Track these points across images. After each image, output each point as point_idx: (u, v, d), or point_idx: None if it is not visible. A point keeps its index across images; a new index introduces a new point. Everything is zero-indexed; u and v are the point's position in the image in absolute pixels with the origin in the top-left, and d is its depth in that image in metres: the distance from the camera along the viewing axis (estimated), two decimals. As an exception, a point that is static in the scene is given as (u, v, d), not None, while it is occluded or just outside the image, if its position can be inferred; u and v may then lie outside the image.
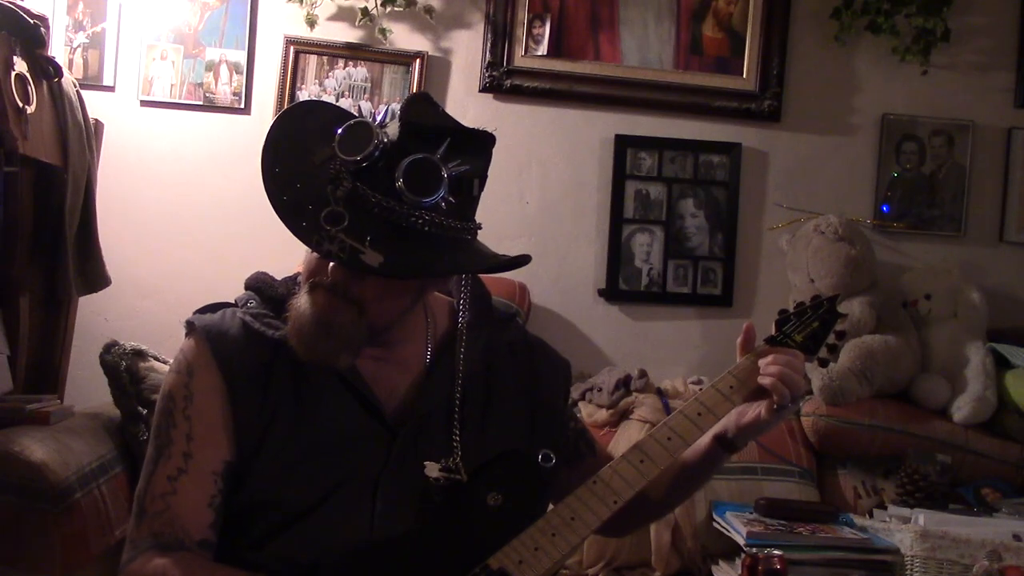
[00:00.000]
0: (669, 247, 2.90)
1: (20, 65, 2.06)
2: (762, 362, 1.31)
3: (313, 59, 2.78)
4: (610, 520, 1.22)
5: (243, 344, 1.26)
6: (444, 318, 1.37)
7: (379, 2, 2.74)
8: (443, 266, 1.20)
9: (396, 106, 1.22)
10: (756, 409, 1.30)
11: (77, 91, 2.37)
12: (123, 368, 2.13)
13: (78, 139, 2.32)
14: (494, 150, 1.25)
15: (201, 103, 2.76)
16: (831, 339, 1.40)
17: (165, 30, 2.74)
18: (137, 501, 1.23)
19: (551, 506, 1.25)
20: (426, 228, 1.15)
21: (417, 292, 1.25)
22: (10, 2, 2.07)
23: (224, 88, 2.76)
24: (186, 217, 2.76)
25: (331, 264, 1.18)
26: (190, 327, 1.30)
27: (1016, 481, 2.51)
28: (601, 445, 1.53)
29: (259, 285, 1.33)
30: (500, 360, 1.37)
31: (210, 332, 1.26)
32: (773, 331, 1.39)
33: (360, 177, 1.15)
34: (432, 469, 1.24)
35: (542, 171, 2.86)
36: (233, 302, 1.33)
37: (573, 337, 2.85)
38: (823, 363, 1.41)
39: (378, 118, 1.24)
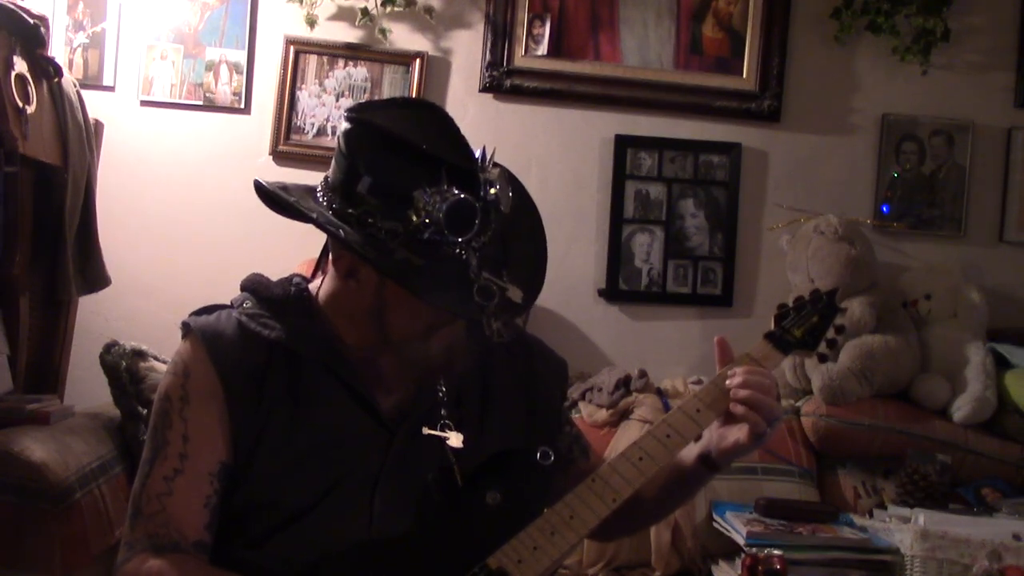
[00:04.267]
0: (669, 247, 2.90)
1: (20, 65, 2.06)
2: (729, 383, 1.28)
3: (313, 59, 2.78)
4: (604, 523, 1.22)
5: (239, 345, 1.25)
6: None
7: (379, 2, 2.74)
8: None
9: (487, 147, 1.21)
10: (736, 435, 1.28)
11: (77, 91, 2.37)
12: (123, 368, 2.13)
13: (78, 139, 2.32)
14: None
15: (201, 103, 2.76)
16: (830, 334, 1.39)
17: (165, 30, 2.74)
18: (133, 502, 1.22)
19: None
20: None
21: None
22: (10, 2, 2.07)
23: (224, 88, 2.76)
24: (186, 217, 2.76)
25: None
26: (186, 329, 1.29)
27: (1016, 481, 2.51)
28: (595, 450, 1.53)
29: (254, 286, 1.33)
30: (497, 359, 1.37)
31: (206, 333, 1.26)
32: (772, 326, 1.39)
33: (471, 241, 1.17)
34: (456, 440, 1.25)
35: (542, 171, 2.86)
36: (229, 303, 1.33)
37: (573, 337, 2.85)
38: (822, 358, 1.41)
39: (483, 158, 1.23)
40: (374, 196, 1.16)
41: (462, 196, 1.14)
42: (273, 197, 1.24)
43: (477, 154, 1.20)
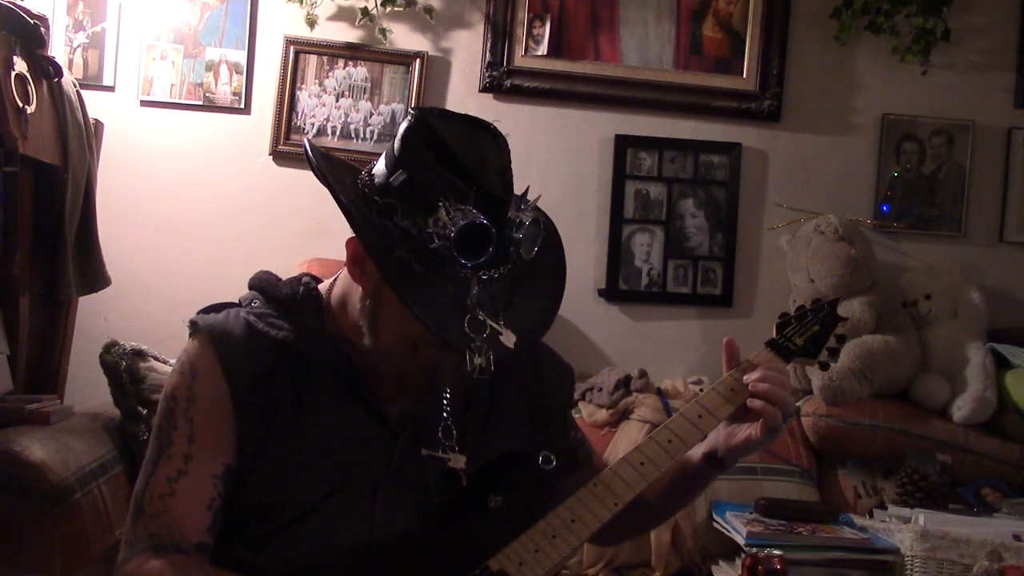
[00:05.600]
0: (669, 247, 2.90)
1: (20, 65, 2.06)
2: (748, 378, 1.29)
3: (313, 59, 2.78)
4: (605, 527, 1.22)
5: (247, 345, 1.25)
6: None
7: (379, 2, 2.73)
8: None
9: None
10: (747, 430, 1.29)
11: (77, 91, 2.37)
12: (123, 368, 2.13)
13: (78, 139, 2.32)
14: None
15: (201, 103, 2.76)
16: (831, 342, 1.40)
17: (165, 30, 2.74)
18: (135, 501, 1.22)
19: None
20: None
21: None
22: (10, 2, 2.07)
23: (224, 88, 2.76)
24: (186, 217, 2.76)
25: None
26: (193, 327, 1.29)
27: (1016, 481, 2.51)
28: (599, 455, 1.53)
29: (263, 285, 1.33)
30: (504, 364, 1.36)
31: (214, 332, 1.26)
32: (774, 334, 1.39)
33: (479, 270, 1.16)
34: (458, 461, 1.25)
35: (542, 171, 2.86)
36: (237, 302, 1.33)
37: (573, 337, 2.84)
38: (823, 366, 1.41)
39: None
40: (402, 192, 1.16)
41: (481, 221, 1.13)
42: (310, 163, 1.23)
43: (521, 193, 1.20)
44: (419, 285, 1.14)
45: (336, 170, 1.24)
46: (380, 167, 1.21)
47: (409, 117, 1.21)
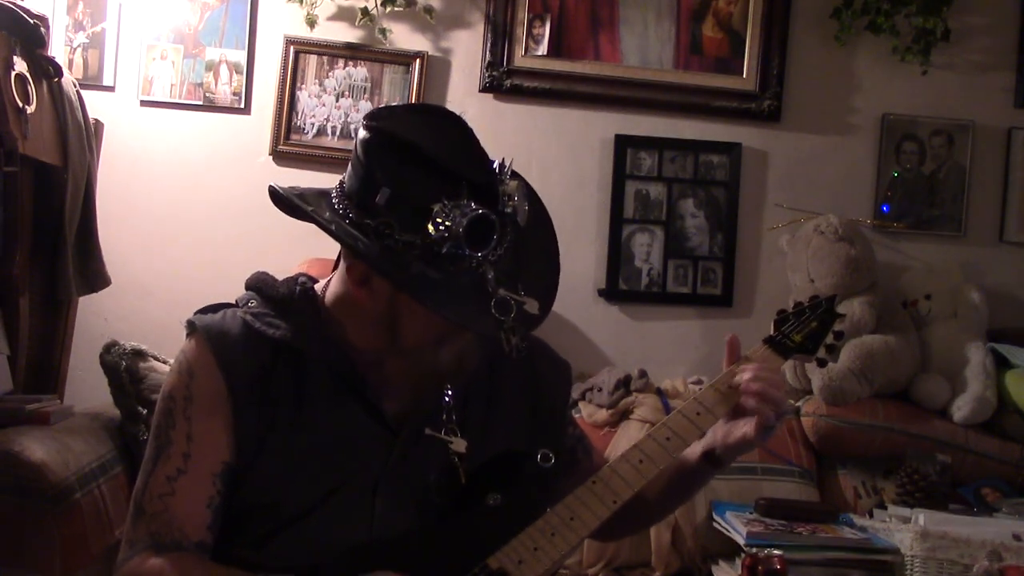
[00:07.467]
0: (669, 247, 2.90)
1: (20, 65, 2.06)
2: (740, 378, 1.29)
3: (313, 59, 2.78)
4: (604, 523, 1.22)
5: (244, 345, 1.25)
6: None
7: (379, 2, 2.74)
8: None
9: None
10: (742, 429, 1.29)
11: (77, 91, 2.37)
12: (123, 368, 2.13)
13: (78, 139, 2.32)
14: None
15: (201, 103, 2.76)
16: (829, 339, 1.40)
17: (165, 30, 2.74)
18: (135, 500, 1.22)
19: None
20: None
21: None
22: (10, 2, 2.07)
23: (224, 88, 2.76)
24: (186, 217, 2.76)
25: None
26: (191, 327, 1.29)
27: (1016, 481, 2.51)
28: (598, 451, 1.53)
29: (259, 285, 1.33)
30: (502, 361, 1.36)
31: (211, 332, 1.26)
32: (772, 331, 1.40)
33: (488, 255, 1.16)
34: (460, 445, 1.25)
35: (542, 171, 2.86)
36: (234, 302, 1.33)
37: (573, 337, 2.84)
38: (821, 363, 1.41)
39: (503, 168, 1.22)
40: (392, 208, 1.14)
41: (482, 211, 1.12)
42: (289, 204, 1.22)
43: (496, 164, 1.19)
44: (442, 291, 1.13)
45: (314, 204, 1.21)
46: (352, 186, 1.18)
47: (364, 130, 1.18)
